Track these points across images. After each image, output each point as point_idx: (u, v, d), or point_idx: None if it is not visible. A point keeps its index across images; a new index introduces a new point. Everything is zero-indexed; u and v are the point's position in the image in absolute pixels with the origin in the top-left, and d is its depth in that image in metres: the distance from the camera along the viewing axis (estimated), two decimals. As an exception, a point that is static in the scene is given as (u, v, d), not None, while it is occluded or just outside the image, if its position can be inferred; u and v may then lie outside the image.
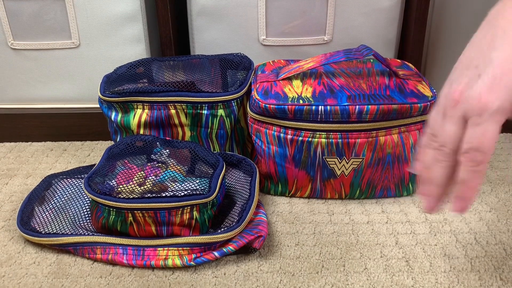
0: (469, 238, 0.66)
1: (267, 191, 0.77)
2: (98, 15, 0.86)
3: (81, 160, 0.89)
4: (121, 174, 0.67)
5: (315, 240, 0.66)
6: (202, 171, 0.69)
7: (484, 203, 0.74)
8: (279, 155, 0.72)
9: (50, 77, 0.92)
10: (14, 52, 0.90)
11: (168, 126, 0.77)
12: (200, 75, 0.79)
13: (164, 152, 0.71)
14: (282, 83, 0.73)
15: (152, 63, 0.82)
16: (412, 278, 0.59)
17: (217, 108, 0.75)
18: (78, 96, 0.94)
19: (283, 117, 0.69)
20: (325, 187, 0.73)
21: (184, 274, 0.61)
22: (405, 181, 0.73)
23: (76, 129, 0.95)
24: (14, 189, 0.80)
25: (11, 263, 0.63)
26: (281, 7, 0.86)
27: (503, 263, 0.61)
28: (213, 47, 0.90)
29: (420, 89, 0.70)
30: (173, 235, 0.63)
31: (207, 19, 0.88)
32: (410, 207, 0.73)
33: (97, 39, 0.88)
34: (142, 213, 0.61)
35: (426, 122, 0.70)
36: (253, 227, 0.64)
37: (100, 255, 0.63)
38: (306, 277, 0.60)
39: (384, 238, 0.66)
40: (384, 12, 0.87)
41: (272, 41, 0.89)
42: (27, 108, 0.95)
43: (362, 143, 0.69)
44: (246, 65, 0.81)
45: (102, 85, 0.78)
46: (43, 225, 0.67)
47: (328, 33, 0.88)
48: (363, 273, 0.60)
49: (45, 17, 0.86)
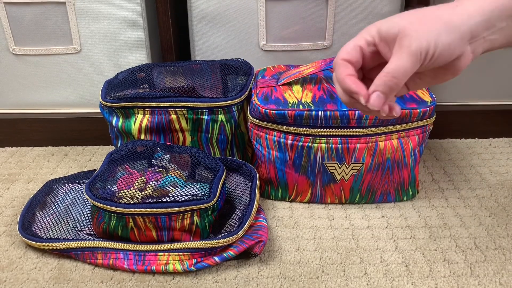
0: (468, 243, 0.66)
1: (267, 196, 0.77)
2: (99, 20, 0.86)
3: (82, 165, 0.89)
4: (122, 179, 0.68)
5: (315, 245, 0.67)
6: (203, 176, 0.70)
7: (484, 208, 0.74)
8: (279, 160, 0.72)
9: (51, 82, 0.92)
10: (16, 57, 0.90)
11: (169, 131, 0.77)
12: (201, 80, 0.80)
13: (165, 157, 0.72)
14: (282, 88, 0.73)
15: (153, 68, 0.82)
16: (412, 283, 0.59)
17: (218, 113, 0.75)
18: (79, 101, 0.94)
19: (283, 122, 0.69)
20: (325, 192, 0.74)
21: (185, 279, 0.61)
22: (405, 186, 0.74)
23: (77, 134, 0.95)
24: (16, 194, 0.80)
25: (12, 268, 0.63)
26: (281, 13, 0.86)
27: (502, 268, 0.62)
28: (214, 52, 0.90)
29: (419, 94, 0.70)
30: (174, 240, 0.63)
31: (207, 25, 0.88)
32: (410, 212, 0.73)
33: (98, 44, 0.88)
34: (143, 218, 0.61)
35: (426, 127, 0.71)
36: (254, 232, 0.64)
37: (101, 260, 0.63)
38: (306, 282, 0.60)
39: (384, 243, 0.67)
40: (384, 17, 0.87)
41: (272, 46, 0.89)
42: (28, 113, 0.95)
43: (362, 148, 0.69)
44: (246, 70, 0.82)
45: (103, 90, 0.78)
46: (44, 230, 0.67)
47: (328, 38, 0.88)
48: (363, 278, 0.60)
49: (47, 22, 0.87)
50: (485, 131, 0.95)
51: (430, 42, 0.38)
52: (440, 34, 0.38)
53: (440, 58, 0.39)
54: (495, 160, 0.87)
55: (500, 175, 0.83)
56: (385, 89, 0.40)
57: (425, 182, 0.81)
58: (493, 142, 0.94)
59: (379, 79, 0.39)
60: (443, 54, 0.39)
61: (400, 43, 0.39)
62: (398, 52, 0.39)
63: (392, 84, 0.39)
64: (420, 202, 0.76)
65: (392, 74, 0.39)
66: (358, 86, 0.41)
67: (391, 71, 0.39)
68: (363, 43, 0.42)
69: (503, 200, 0.76)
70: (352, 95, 0.41)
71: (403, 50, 0.39)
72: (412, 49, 0.38)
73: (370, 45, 0.42)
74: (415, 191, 0.75)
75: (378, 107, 0.40)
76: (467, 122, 0.95)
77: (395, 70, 0.39)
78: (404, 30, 0.39)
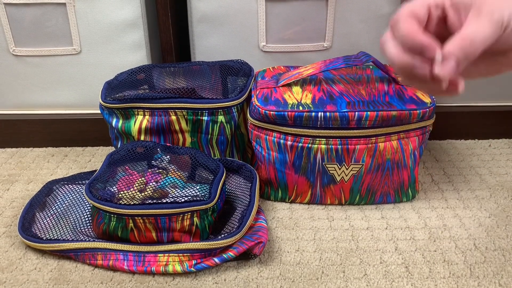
0: (468, 244, 0.66)
1: (267, 197, 0.77)
2: (99, 21, 0.87)
3: (82, 166, 0.89)
4: (122, 180, 0.68)
5: (315, 246, 0.67)
6: (203, 177, 0.70)
7: (483, 209, 0.74)
8: (279, 161, 0.72)
9: (51, 83, 0.92)
10: (16, 58, 0.90)
11: (169, 132, 0.77)
12: (201, 81, 0.80)
13: (165, 158, 0.72)
14: (282, 89, 0.74)
15: (152, 69, 0.82)
16: (411, 284, 0.59)
17: (218, 114, 0.75)
18: (79, 102, 0.94)
19: (283, 123, 0.69)
20: (325, 193, 0.74)
21: (185, 280, 0.61)
22: (404, 187, 0.74)
23: (77, 135, 0.95)
24: (15, 195, 0.80)
25: (12, 269, 0.63)
26: (281, 14, 0.86)
27: (502, 269, 0.62)
28: (214, 53, 0.90)
29: (419, 95, 0.70)
30: (174, 241, 0.63)
31: (207, 26, 0.88)
32: (410, 213, 0.73)
33: (98, 45, 0.88)
34: (143, 219, 0.61)
35: (426, 128, 0.71)
36: (253, 233, 0.64)
37: (101, 261, 0.63)
38: (306, 283, 0.60)
39: (384, 244, 0.67)
40: (384, 19, 0.88)
41: (272, 47, 0.89)
42: (28, 114, 0.95)
43: (362, 149, 0.69)
44: (246, 71, 0.82)
45: (103, 91, 0.78)
46: (44, 231, 0.67)
47: (327, 39, 0.88)
48: (362, 279, 0.60)
49: (47, 23, 0.87)
50: (484, 132, 0.95)
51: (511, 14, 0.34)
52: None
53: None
54: (495, 161, 0.87)
55: (499, 176, 0.83)
56: (461, 54, 0.34)
57: (425, 183, 0.81)
58: (492, 143, 0.94)
59: (454, 44, 0.34)
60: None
61: (480, 9, 0.35)
62: (477, 18, 0.35)
63: (469, 50, 0.34)
64: (419, 203, 0.76)
65: (471, 38, 0.34)
66: (431, 41, 0.35)
67: (470, 35, 0.34)
68: (432, 2, 0.37)
69: (502, 201, 0.76)
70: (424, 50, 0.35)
71: (484, 16, 0.34)
72: (495, 16, 0.34)
73: (438, 8, 0.37)
74: (414, 192, 0.75)
75: (450, 74, 0.34)
76: (467, 123, 0.95)
77: (475, 34, 0.34)
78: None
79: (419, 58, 0.36)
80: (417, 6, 0.37)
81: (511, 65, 0.38)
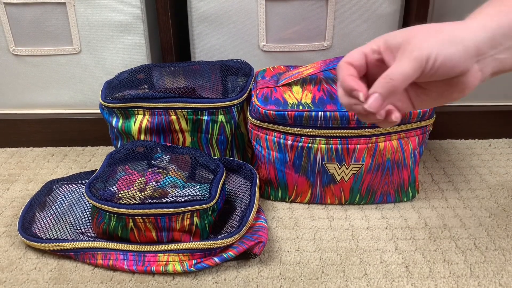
0: (468, 244, 0.66)
1: (267, 196, 0.77)
2: (99, 21, 0.87)
3: (82, 165, 0.89)
4: (122, 180, 0.68)
5: (315, 245, 0.67)
6: (203, 176, 0.70)
7: (483, 208, 0.74)
8: (279, 160, 0.72)
9: (51, 83, 0.92)
10: (16, 58, 0.90)
11: (169, 132, 0.77)
12: (201, 81, 0.80)
13: (165, 158, 0.72)
14: (282, 89, 0.74)
15: (153, 69, 0.82)
16: (411, 284, 0.59)
17: (218, 114, 0.75)
18: (79, 102, 0.94)
19: (283, 123, 0.69)
20: (325, 192, 0.74)
21: (185, 280, 0.61)
22: (404, 186, 0.74)
23: (77, 134, 0.95)
24: (15, 195, 0.80)
25: (12, 269, 0.63)
26: (281, 14, 0.86)
27: (502, 268, 0.62)
28: (214, 53, 0.90)
29: (419, 95, 0.70)
30: (174, 240, 0.63)
31: (207, 26, 0.88)
32: (410, 212, 0.73)
33: (98, 45, 0.88)
34: (143, 219, 0.61)
35: (426, 128, 0.71)
36: (253, 233, 0.64)
37: (101, 260, 0.63)
38: (306, 283, 0.60)
39: (384, 243, 0.67)
40: (384, 18, 0.88)
41: (272, 47, 0.89)
42: (28, 114, 0.95)
43: (362, 149, 0.69)
44: (246, 71, 0.82)
45: (103, 91, 0.78)
46: (44, 230, 0.67)
47: (327, 39, 0.88)
48: (363, 279, 0.60)
49: (47, 23, 0.87)
50: (485, 132, 0.95)
51: (432, 50, 0.39)
52: (443, 44, 0.39)
53: (442, 68, 0.39)
54: (495, 161, 0.87)
55: (500, 175, 0.83)
56: (383, 91, 0.40)
57: (425, 183, 0.81)
58: (493, 143, 0.94)
59: (378, 82, 0.40)
60: (446, 64, 0.39)
61: (403, 49, 0.40)
62: (400, 57, 0.40)
63: (390, 87, 0.40)
64: (420, 202, 0.76)
65: (391, 77, 0.40)
66: (358, 84, 0.41)
67: (390, 74, 0.40)
68: (368, 50, 0.43)
69: (503, 200, 0.76)
70: (352, 93, 0.42)
71: (405, 55, 0.40)
72: (414, 54, 0.39)
73: (375, 53, 0.43)
74: (415, 191, 0.75)
75: (375, 109, 0.41)
76: (467, 123, 0.95)
77: (393, 73, 0.40)
78: (408, 39, 0.40)
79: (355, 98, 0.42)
80: (354, 55, 0.43)
81: (461, 91, 0.42)
